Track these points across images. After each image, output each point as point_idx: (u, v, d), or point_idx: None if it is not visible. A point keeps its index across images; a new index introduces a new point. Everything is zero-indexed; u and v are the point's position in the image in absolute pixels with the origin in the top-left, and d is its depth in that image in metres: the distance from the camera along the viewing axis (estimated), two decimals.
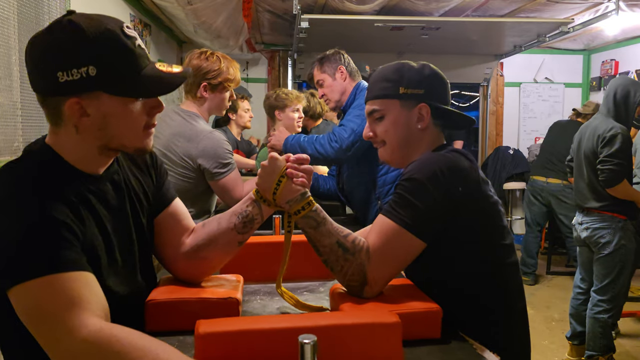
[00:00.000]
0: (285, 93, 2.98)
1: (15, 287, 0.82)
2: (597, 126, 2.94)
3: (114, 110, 0.94)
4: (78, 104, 0.92)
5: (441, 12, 4.19)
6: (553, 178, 4.51)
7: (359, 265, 1.11)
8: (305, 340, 0.74)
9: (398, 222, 1.13)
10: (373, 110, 1.31)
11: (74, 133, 0.95)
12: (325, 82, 2.46)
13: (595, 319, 2.97)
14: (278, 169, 1.13)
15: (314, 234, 1.13)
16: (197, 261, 1.17)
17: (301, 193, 1.13)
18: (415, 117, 1.28)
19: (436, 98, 1.29)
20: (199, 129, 2.04)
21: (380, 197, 2.36)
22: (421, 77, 1.29)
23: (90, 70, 0.89)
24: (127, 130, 0.97)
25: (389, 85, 1.29)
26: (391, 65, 1.33)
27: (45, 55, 0.91)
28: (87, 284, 0.86)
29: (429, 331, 1.05)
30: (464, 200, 1.15)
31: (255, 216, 1.16)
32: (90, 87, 0.91)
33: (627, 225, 2.91)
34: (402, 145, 1.29)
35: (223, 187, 2.04)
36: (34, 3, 2.20)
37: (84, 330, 0.80)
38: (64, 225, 0.88)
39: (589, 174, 2.96)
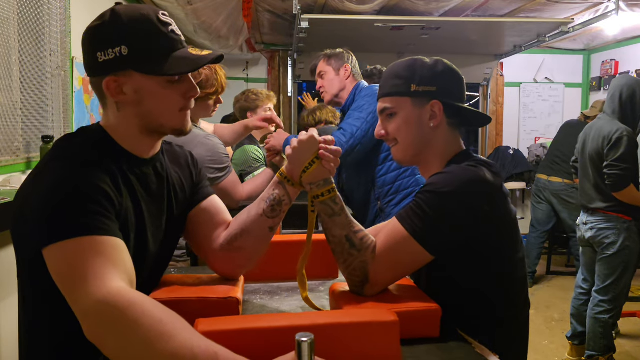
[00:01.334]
0: (255, 93, 2.94)
1: (50, 246, 0.86)
2: (602, 127, 2.92)
3: (147, 89, 1.01)
4: (115, 82, 1.00)
5: (441, 12, 4.19)
6: (555, 177, 4.51)
7: (362, 263, 1.12)
8: (303, 339, 0.74)
9: (409, 230, 1.12)
10: (384, 108, 1.29)
11: (116, 111, 1.03)
12: (328, 74, 2.47)
13: (596, 319, 2.97)
14: (314, 148, 1.14)
15: (328, 221, 1.15)
16: (231, 253, 1.19)
17: (325, 178, 1.15)
18: (428, 115, 1.25)
19: (449, 95, 1.26)
20: (192, 134, 1.99)
21: (380, 198, 2.36)
22: (434, 73, 1.26)
23: (123, 50, 0.98)
24: (162, 109, 1.04)
25: (401, 83, 1.26)
26: (403, 62, 1.29)
27: (89, 40, 1.01)
28: (117, 249, 0.90)
29: (428, 330, 1.05)
30: (486, 217, 1.14)
31: (283, 197, 1.18)
32: (123, 65, 0.99)
33: (632, 226, 2.91)
34: (415, 143, 1.27)
35: (222, 190, 2.03)
36: (34, 3, 2.20)
37: (103, 292, 0.81)
38: (103, 192, 0.93)
39: (594, 174, 2.96)
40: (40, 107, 2.28)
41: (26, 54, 2.14)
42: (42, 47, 2.28)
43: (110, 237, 0.89)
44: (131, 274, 0.90)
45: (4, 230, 1.63)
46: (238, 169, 2.79)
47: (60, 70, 2.44)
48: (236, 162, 2.83)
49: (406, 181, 2.33)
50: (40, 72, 2.26)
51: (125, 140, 1.05)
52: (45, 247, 0.87)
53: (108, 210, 0.92)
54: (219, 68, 2.02)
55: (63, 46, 2.47)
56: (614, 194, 2.85)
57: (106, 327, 0.79)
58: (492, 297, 1.20)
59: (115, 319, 0.78)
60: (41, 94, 2.28)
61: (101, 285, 0.82)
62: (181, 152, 1.24)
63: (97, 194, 0.92)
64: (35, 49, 2.21)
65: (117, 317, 0.78)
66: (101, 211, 0.91)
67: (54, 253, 0.87)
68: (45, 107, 2.31)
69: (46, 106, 2.32)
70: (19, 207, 0.96)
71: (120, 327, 0.78)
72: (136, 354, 0.76)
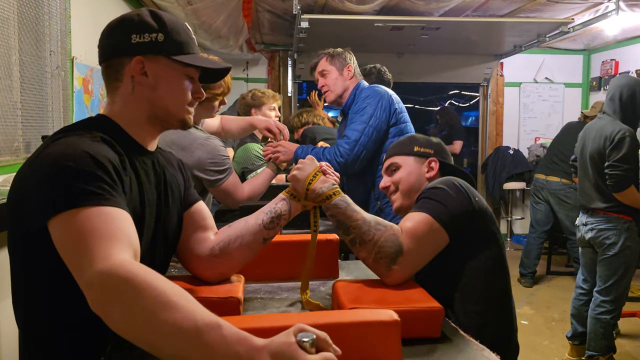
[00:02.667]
0: (261, 92, 2.99)
1: (56, 217, 0.87)
2: (603, 127, 2.90)
3: (168, 76, 1.09)
4: (141, 63, 1.06)
5: (441, 12, 4.19)
6: (553, 176, 4.50)
7: (393, 235, 1.22)
8: (304, 339, 0.74)
9: (429, 213, 1.27)
10: (391, 164, 1.59)
11: (129, 92, 1.08)
12: (331, 74, 2.46)
13: (598, 319, 2.97)
14: (315, 164, 1.27)
15: (345, 212, 1.24)
16: (219, 259, 1.19)
17: (330, 182, 1.26)
18: (426, 169, 1.57)
19: (443, 157, 1.60)
20: (192, 137, 1.98)
21: (380, 198, 2.36)
22: (431, 142, 1.61)
23: (159, 37, 1.07)
24: (174, 98, 1.10)
25: (406, 145, 1.60)
26: (404, 137, 1.68)
27: (123, 23, 1.08)
28: (123, 221, 0.90)
29: (430, 330, 1.05)
30: (478, 209, 1.33)
31: (284, 212, 1.23)
32: (156, 50, 1.07)
33: (632, 226, 2.90)
34: (412, 190, 1.53)
35: (224, 192, 2.03)
36: (34, 3, 2.20)
37: (105, 263, 0.81)
38: (113, 168, 0.95)
39: (595, 174, 2.95)
40: (40, 107, 2.27)
41: (26, 54, 2.13)
42: (42, 47, 2.28)
43: (116, 209, 0.90)
44: (136, 247, 0.90)
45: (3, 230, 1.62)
46: (240, 167, 2.79)
47: (60, 70, 2.43)
48: (238, 160, 2.84)
49: None
50: (40, 72, 2.26)
51: (130, 127, 1.09)
52: (52, 219, 0.87)
53: (115, 182, 0.93)
54: None
55: (63, 46, 2.46)
56: (614, 194, 2.84)
57: (110, 297, 0.79)
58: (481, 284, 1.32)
59: (119, 290, 0.78)
60: (41, 94, 2.28)
61: (106, 257, 0.82)
62: (172, 157, 1.27)
63: (104, 165, 0.93)
64: (35, 49, 2.21)
65: (121, 287, 0.78)
66: (108, 182, 0.92)
67: (60, 223, 0.87)
68: (45, 107, 2.31)
69: (46, 106, 2.32)
70: (19, 184, 0.96)
71: (124, 297, 0.78)
72: (140, 325, 0.76)
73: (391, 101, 2.32)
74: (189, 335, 0.74)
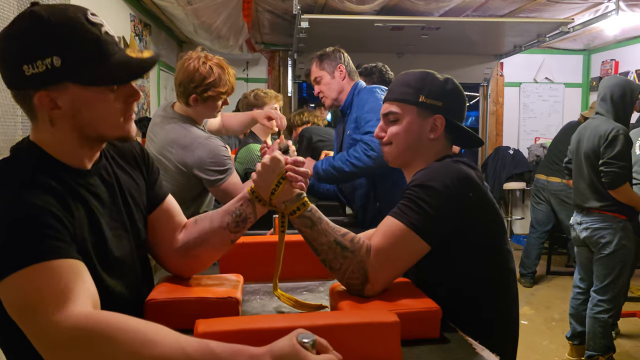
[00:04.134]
0: (264, 92, 3.00)
1: (2, 281, 0.79)
2: (597, 126, 2.93)
3: (85, 100, 0.92)
4: (47, 97, 0.90)
5: (441, 12, 4.19)
6: (554, 177, 4.51)
7: (359, 263, 1.11)
8: (305, 340, 0.74)
9: (406, 223, 1.14)
10: (390, 112, 1.33)
11: (49, 126, 0.94)
12: (324, 79, 2.43)
13: (596, 319, 2.97)
14: (279, 169, 1.13)
15: (311, 233, 1.14)
16: (188, 259, 1.18)
17: (297, 194, 1.14)
18: (429, 127, 1.30)
19: (453, 113, 1.32)
20: (193, 136, 2.00)
21: (379, 199, 2.35)
22: (442, 90, 1.31)
23: (55, 61, 0.87)
24: (103, 119, 0.95)
25: (410, 92, 1.31)
26: (416, 73, 1.35)
27: (9, 49, 0.90)
28: (75, 272, 0.82)
29: (429, 331, 1.05)
30: (475, 205, 1.19)
31: (249, 215, 1.16)
32: (57, 78, 0.89)
33: (627, 225, 2.91)
34: (409, 150, 1.32)
35: (224, 192, 2.02)
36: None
37: (71, 319, 0.75)
38: (51, 215, 0.85)
39: (590, 173, 2.96)
40: None
41: None
42: None
43: (66, 260, 0.82)
44: (94, 296, 0.84)
45: None
46: (243, 167, 2.80)
47: None
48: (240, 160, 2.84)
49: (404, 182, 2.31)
50: None
51: (63, 155, 0.96)
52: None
53: (60, 231, 0.85)
54: (229, 67, 2.03)
55: None
56: (610, 192, 2.86)
57: (84, 353, 0.74)
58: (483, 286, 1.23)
59: (93, 342, 0.74)
60: None
61: (66, 313, 0.76)
62: (127, 148, 1.14)
63: (44, 217, 0.84)
64: None
65: (93, 340, 0.74)
66: (52, 234, 0.83)
67: (7, 288, 0.79)
68: None
69: None
70: None
71: (100, 348, 0.73)
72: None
73: None
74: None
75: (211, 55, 2.01)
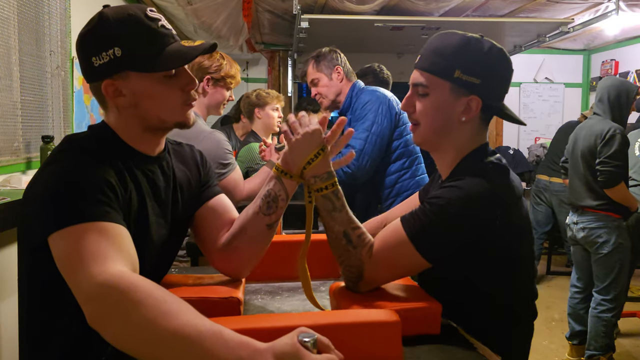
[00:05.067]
0: (266, 92, 3.02)
1: (55, 233, 0.87)
2: (594, 125, 2.96)
3: (144, 88, 1.02)
4: (112, 85, 1.01)
5: (441, 12, 4.19)
6: (556, 177, 4.51)
7: (358, 261, 1.10)
8: (305, 339, 0.74)
9: (409, 234, 1.08)
10: (419, 84, 1.16)
11: (117, 113, 1.05)
12: (321, 81, 2.40)
13: (599, 318, 2.98)
14: (319, 141, 1.12)
15: (327, 217, 1.12)
16: (229, 253, 1.19)
17: (328, 172, 1.12)
18: (462, 108, 1.13)
19: (492, 92, 1.14)
20: (198, 129, 2.03)
21: (381, 201, 2.35)
22: (484, 64, 1.12)
23: (117, 52, 0.98)
24: (162, 107, 1.04)
25: (445, 64, 1.12)
26: (455, 37, 1.14)
27: (82, 46, 1.03)
28: (120, 236, 0.90)
29: (429, 327, 1.05)
30: (497, 229, 1.08)
31: (279, 192, 1.16)
32: (119, 67, 1.00)
33: (622, 224, 2.94)
34: (437, 132, 1.17)
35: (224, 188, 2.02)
36: (34, 3, 2.20)
37: (104, 275, 0.81)
38: (107, 183, 0.94)
39: (586, 172, 2.98)
40: (40, 107, 2.27)
41: (26, 54, 2.13)
42: (42, 47, 2.28)
43: (113, 224, 0.90)
44: (134, 260, 0.90)
45: (4, 230, 1.63)
46: (244, 166, 2.80)
47: (60, 70, 2.43)
48: (242, 159, 2.85)
49: (406, 183, 2.31)
50: (40, 72, 2.26)
51: (130, 138, 1.07)
52: (51, 235, 0.88)
53: (112, 199, 0.93)
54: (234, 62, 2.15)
55: (63, 46, 2.46)
56: (605, 190, 2.87)
57: (108, 309, 0.78)
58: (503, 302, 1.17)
59: (118, 301, 0.78)
60: (41, 94, 2.28)
61: (103, 269, 0.82)
62: (190, 152, 1.25)
63: (101, 184, 0.93)
64: (35, 49, 2.21)
65: (119, 299, 0.78)
66: (105, 200, 0.92)
67: (58, 240, 0.87)
68: (45, 107, 2.31)
69: (46, 106, 2.32)
70: (25, 200, 0.97)
71: (122, 308, 0.77)
72: (139, 335, 0.76)
73: (391, 105, 2.28)
74: (190, 341, 0.73)
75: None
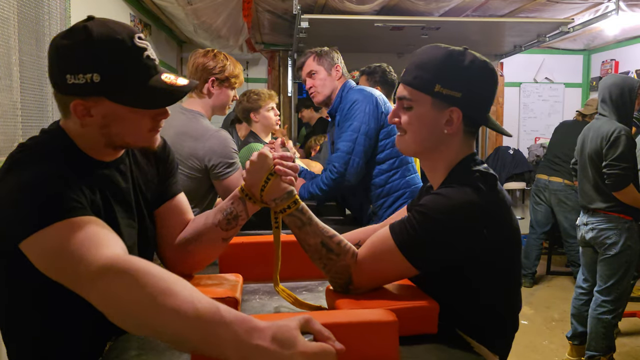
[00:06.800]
0: (256, 93, 2.95)
1: (29, 238, 0.85)
2: (600, 127, 2.93)
3: (116, 115, 0.99)
4: (82, 105, 0.97)
5: (441, 12, 4.19)
6: (555, 177, 4.51)
7: (344, 267, 1.11)
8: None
9: (397, 242, 1.09)
10: (403, 97, 1.19)
11: (79, 126, 1.01)
12: (319, 74, 2.41)
13: (599, 319, 2.97)
14: (267, 165, 1.14)
15: (299, 233, 1.14)
16: (183, 254, 1.21)
17: (288, 191, 1.14)
18: (444, 120, 1.15)
19: (474, 104, 1.16)
20: (204, 127, 2.04)
21: (372, 201, 2.35)
22: (464, 78, 1.15)
23: (95, 77, 0.94)
24: (130, 132, 1.02)
25: (426, 78, 1.15)
26: (438, 52, 1.19)
27: (58, 57, 0.98)
28: (101, 225, 0.90)
29: (426, 327, 1.05)
30: (489, 238, 1.09)
31: (240, 213, 1.18)
32: (94, 92, 0.96)
33: (633, 225, 2.91)
34: (423, 143, 1.19)
35: (227, 187, 2.04)
36: (34, 3, 2.20)
37: (101, 260, 0.82)
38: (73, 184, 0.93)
39: (594, 175, 2.96)
40: (40, 107, 2.28)
41: (26, 54, 2.14)
42: (42, 47, 2.28)
43: (90, 217, 0.90)
44: (123, 245, 0.90)
45: None
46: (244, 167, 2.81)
47: None
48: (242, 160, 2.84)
49: (396, 183, 2.32)
50: (40, 72, 2.27)
51: (89, 149, 1.04)
52: (24, 240, 0.86)
53: (81, 198, 0.93)
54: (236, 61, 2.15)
55: None
56: (614, 193, 2.85)
57: (114, 288, 0.80)
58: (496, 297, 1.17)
59: (121, 280, 0.79)
60: (41, 94, 2.28)
61: (98, 254, 0.83)
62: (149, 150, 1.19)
63: (67, 184, 0.92)
64: (35, 49, 2.22)
65: (122, 277, 0.79)
66: (74, 198, 0.91)
67: (36, 244, 0.86)
68: (45, 107, 2.31)
69: (46, 106, 2.32)
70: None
71: (125, 286, 0.79)
72: (141, 312, 0.78)
73: (377, 104, 2.28)
74: (187, 318, 0.75)
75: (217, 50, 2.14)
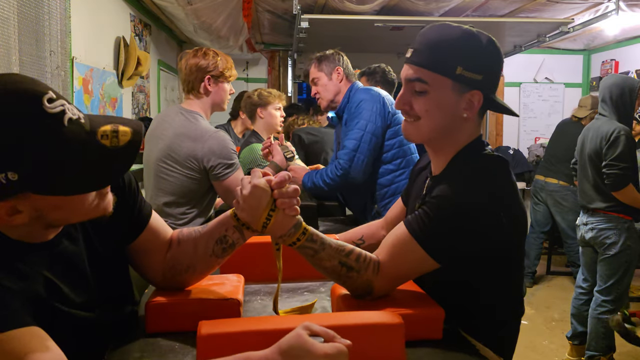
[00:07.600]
0: (267, 91, 3.01)
1: None
2: (599, 127, 2.93)
3: (50, 205, 0.82)
4: (4, 208, 0.78)
5: (441, 12, 4.19)
6: (551, 178, 4.51)
7: (365, 282, 1.07)
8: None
9: (415, 236, 1.05)
10: (417, 79, 1.08)
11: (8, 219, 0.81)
12: (321, 80, 2.44)
13: (599, 319, 2.97)
14: (265, 201, 0.97)
15: (313, 260, 1.06)
16: (175, 281, 1.13)
17: (294, 224, 1.01)
18: (464, 104, 1.08)
19: (492, 86, 1.10)
20: (203, 128, 2.04)
21: (376, 202, 2.35)
22: (484, 58, 1.07)
23: (11, 176, 0.74)
24: (72, 213, 0.86)
25: (446, 60, 1.05)
26: (453, 32, 1.07)
27: None
28: (37, 337, 0.76)
29: (431, 332, 1.05)
30: (504, 224, 1.05)
31: (237, 240, 1.08)
32: (14, 191, 0.77)
33: (632, 225, 2.91)
34: (439, 130, 1.10)
35: (227, 188, 2.04)
36: (34, 3, 2.20)
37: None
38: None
39: (594, 175, 2.96)
40: None
41: (26, 54, 2.13)
42: (42, 47, 2.27)
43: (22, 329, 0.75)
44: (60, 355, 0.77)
45: None
46: (246, 168, 2.81)
47: (60, 70, 2.43)
48: (244, 160, 2.85)
49: (402, 184, 2.31)
50: (40, 72, 2.26)
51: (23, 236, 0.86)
52: None
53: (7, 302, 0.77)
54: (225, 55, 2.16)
55: (63, 46, 2.46)
56: (613, 193, 2.85)
57: None
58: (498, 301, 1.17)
59: None
60: None
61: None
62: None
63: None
64: (35, 49, 2.21)
65: None
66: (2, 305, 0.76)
67: None
68: None
69: None
70: None
71: None
72: None
73: (384, 104, 2.29)
74: None
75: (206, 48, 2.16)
